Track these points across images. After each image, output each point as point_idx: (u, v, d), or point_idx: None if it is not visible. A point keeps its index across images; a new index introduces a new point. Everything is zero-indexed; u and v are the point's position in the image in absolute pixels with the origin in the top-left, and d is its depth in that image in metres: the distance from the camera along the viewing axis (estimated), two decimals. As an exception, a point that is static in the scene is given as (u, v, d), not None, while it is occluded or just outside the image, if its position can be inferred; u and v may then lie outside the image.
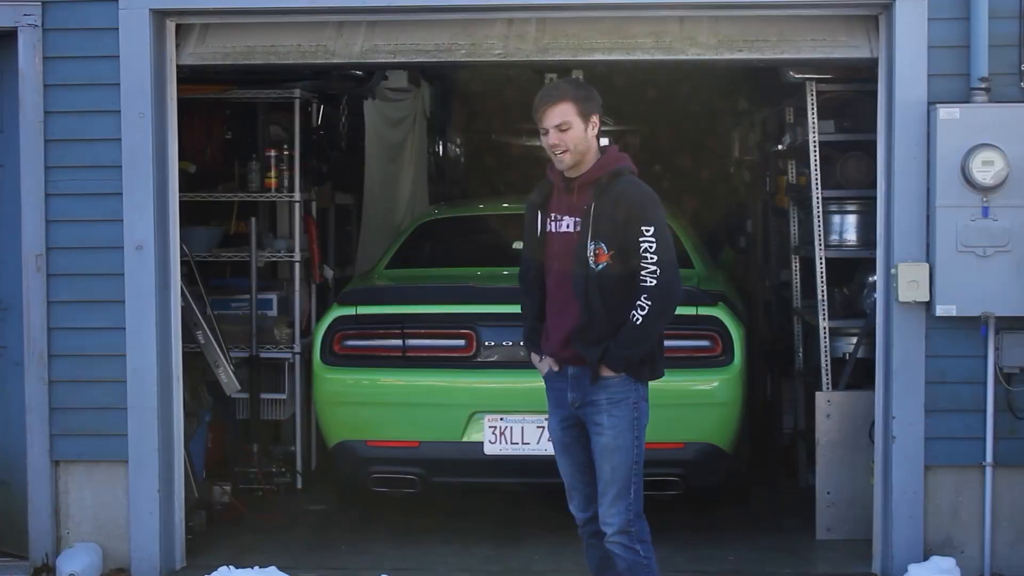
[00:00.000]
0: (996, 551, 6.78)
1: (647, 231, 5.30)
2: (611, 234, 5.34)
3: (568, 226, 5.47)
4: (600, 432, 5.45)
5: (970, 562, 6.76)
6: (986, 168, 6.55)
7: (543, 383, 7.24)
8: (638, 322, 5.31)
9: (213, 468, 8.49)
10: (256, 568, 6.62)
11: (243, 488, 8.53)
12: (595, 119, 5.46)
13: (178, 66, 7.14)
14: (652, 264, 5.29)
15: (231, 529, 7.93)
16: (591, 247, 5.35)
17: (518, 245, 8.54)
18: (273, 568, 6.64)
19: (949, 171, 6.60)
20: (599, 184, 5.41)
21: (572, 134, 5.40)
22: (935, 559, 6.60)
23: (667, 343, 7.16)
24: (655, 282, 5.29)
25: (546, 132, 5.44)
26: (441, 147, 13.68)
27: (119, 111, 6.92)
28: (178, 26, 7.12)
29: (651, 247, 5.29)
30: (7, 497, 7.26)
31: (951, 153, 6.59)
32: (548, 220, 5.55)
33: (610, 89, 15.23)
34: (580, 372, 5.49)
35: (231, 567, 6.62)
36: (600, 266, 5.34)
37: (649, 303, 5.30)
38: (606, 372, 5.40)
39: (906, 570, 6.61)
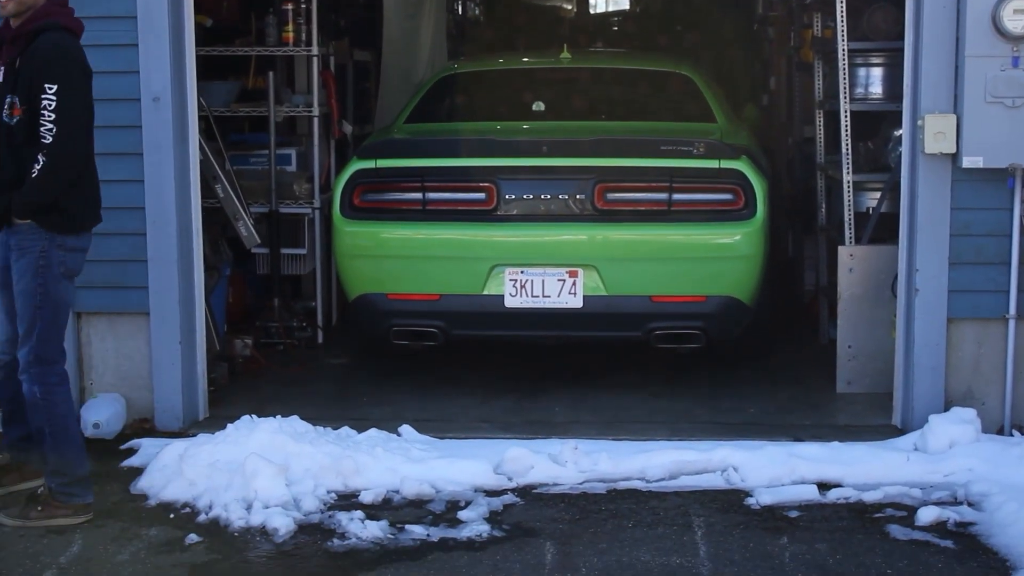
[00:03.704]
0: (1017, 403, 6.79)
1: (49, 89, 5.49)
2: (26, 89, 5.55)
3: (1, 76, 5.70)
4: (12, 276, 5.73)
5: (991, 413, 6.77)
6: (1018, 17, 6.43)
7: (564, 236, 7.29)
8: (34, 175, 5.54)
9: (235, 322, 8.52)
10: (278, 417, 6.61)
11: (264, 343, 8.57)
12: None
13: (193, -86, 7.01)
14: (49, 123, 5.50)
15: (253, 382, 7.98)
16: (8, 100, 5.60)
17: (538, 100, 8.49)
18: (295, 417, 6.62)
19: (979, 20, 6.48)
20: (27, 38, 5.60)
21: None
22: (956, 410, 6.59)
23: (690, 196, 7.26)
24: (50, 140, 5.50)
25: None
26: (460, 5, 13.46)
27: (133, -40, 6.80)
28: None
29: (50, 105, 5.49)
30: (30, 349, 7.30)
31: (982, 2, 6.46)
32: None
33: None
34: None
35: (253, 416, 6.62)
36: (14, 120, 5.58)
37: (43, 159, 5.52)
38: (16, 220, 5.64)
39: (926, 421, 6.62)
